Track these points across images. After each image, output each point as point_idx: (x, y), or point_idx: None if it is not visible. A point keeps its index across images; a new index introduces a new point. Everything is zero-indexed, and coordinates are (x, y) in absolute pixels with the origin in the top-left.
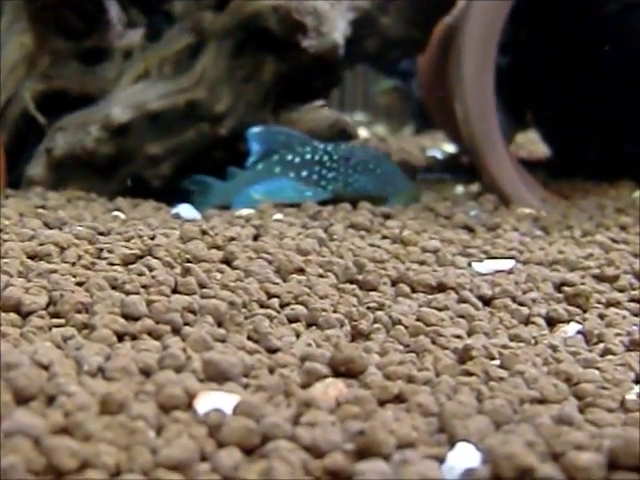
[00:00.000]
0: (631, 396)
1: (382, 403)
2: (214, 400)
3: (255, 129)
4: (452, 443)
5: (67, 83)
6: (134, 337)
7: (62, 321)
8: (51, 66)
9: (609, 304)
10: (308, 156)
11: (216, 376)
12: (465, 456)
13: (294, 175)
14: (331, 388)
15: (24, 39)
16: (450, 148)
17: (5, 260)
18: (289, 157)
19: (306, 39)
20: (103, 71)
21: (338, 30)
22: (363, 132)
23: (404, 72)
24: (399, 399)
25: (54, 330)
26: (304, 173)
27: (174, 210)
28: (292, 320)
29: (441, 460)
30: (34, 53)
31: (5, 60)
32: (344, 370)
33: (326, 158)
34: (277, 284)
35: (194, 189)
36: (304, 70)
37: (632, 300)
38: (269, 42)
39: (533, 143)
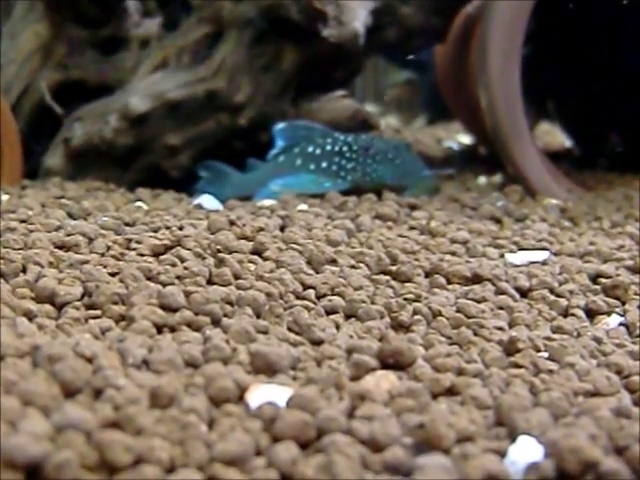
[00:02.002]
0: None
1: (435, 396)
2: (266, 393)
3: (280, 125)
4: (513, 437)
5: (84, 72)
6: (173, 329)
7: (98, 312)
8: (67, 55)
9: None
10: (328, 147)
11: (264, 368)
12: (527, 450)
13: (314, 166)
14: (383, 381)
15: (39, 28)
16: (466, 139)
17: (34, 250)
18: (310, 149)
19: (327, 28)
20: (120, 60)
21: (359, 19)
22: None
23: (418, 63)
24: (451, 392)
25: (91, 322)
26: (324, 164)
27: (196, 200)
28: (330, 312)
29: (502, 454)
30: (50, 42)
31: (20, 49)
32: (392, 362)
33: (346, 149)
34: (311, 275)
35: (204, 175)
36: (324, 59)
37: None
38: (289, 31)
39: (549, 134)
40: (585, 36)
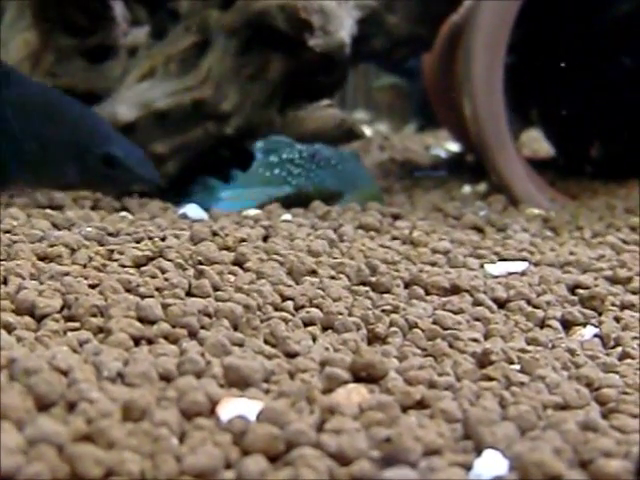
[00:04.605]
0: None
1: (405, 409)
2: (237, 407)
3: (259, 143)
4: (479, 450)
5: (72, 81)
6: (150, 341)
7: (77, 325)
8: (56, 63)
9: (624, 307)
10: (284, 156)
11: (237, 382)
12: (492, 463)
13: (269, 174)
14: (354, 394)
15: (28, 36)
16: (454, 147)
17: (16, 262)
18: (270, 158)
19: (313, 38)
20: (108, 69)
21: (345, 29)
22: (366, 130)
23: (409, 70)
24: (421, 405)
25: (69, 334)
26: (276, 171)
27: (181, 210)
28: (307, 323)
29: (468, 468)
30: (38, 50)
31: (9, 57)
32: (365, 375)
33: (297, 156)
34: (290, 286)
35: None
36: (311, 69)
37: None
38: (276, 40)
39: (536, 142)
40: (568, 45)
